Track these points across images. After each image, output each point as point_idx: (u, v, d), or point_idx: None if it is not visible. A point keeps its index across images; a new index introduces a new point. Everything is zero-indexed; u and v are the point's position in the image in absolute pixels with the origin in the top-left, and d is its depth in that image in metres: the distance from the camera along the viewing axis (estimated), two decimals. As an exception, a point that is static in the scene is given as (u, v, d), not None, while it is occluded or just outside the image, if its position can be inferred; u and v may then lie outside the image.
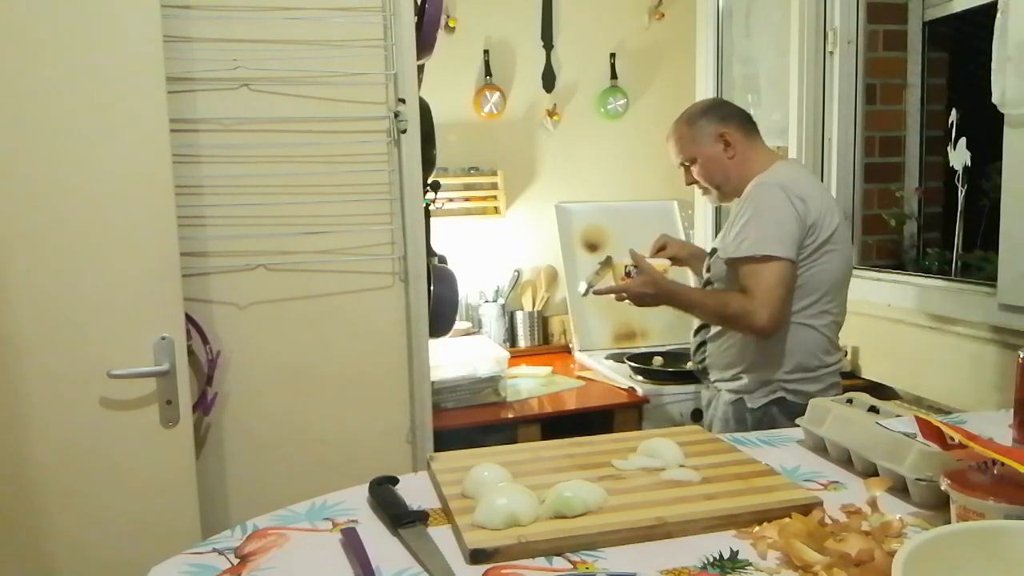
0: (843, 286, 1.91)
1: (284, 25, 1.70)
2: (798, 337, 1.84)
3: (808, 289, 1.83)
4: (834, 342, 1.90)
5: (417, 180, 1.82)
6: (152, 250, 1.51)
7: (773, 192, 1.81)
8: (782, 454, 1.27)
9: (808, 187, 1.85)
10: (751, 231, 1.79)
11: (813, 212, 1.80)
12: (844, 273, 1.89)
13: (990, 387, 2.03)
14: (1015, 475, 0.89)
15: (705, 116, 1.99)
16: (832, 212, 1.85)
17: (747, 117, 2.03)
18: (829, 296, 1.86)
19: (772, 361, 1.86)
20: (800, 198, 1.80)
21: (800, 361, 1.85)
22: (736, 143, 1.95)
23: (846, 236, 1.90)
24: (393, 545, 0.97)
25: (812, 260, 1.82)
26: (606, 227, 3.15)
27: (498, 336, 3.05)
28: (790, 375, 1.85)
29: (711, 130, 1.96)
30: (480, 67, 3.07)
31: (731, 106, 2.10)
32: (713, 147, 1.96)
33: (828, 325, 1.87)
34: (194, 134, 1.67)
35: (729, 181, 1.97)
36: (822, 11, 2.58)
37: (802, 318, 1.84)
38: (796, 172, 1.92)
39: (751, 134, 1.99)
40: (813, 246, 1.81)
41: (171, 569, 0.92)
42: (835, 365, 1.91)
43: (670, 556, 0.92)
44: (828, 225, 1.82)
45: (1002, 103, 1.92)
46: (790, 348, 1.85)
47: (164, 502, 1.56)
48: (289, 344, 1.77)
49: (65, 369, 1.49)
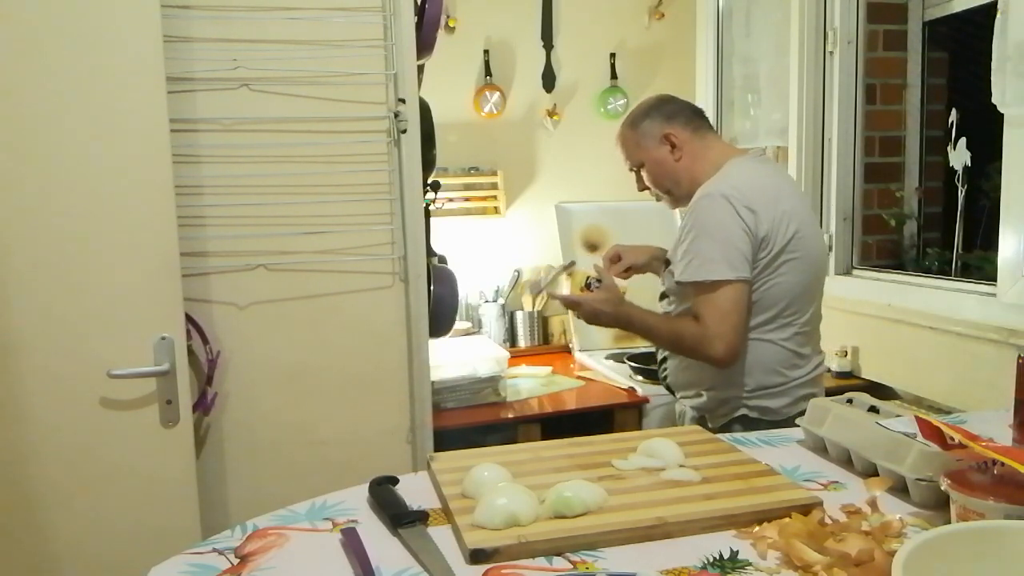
0: (809, 293, 1.76)
1: (284, 25, 1.70)
2: (756, 354, 1.73)
3: (764, 305, 1.71)
4: (801, 353, 1.76)
5: (417, 180, 1.82)
6: (152, 250, 1.51)
7: (718, 205, 1.66)
8: (782, 454, 1.27)
9: (760, 192, 1.69)
10: (697, 252, 1.67)
11: (765, 222, 1.66)
12: (809, 280, 1.74)
13: (990, 387, 2.03)
14: (1015, 475, 0.89)
15: (648, 117, 1.85)
16: (791, 216, 1.69)
17: (695, 112, 1.89)
18: (792, 308, 1.72)
19: (731, 380, 1.74)
20: (749, 208, 1.65)
21: (760, 380, 1.73)
22: (683, 143, 1.81)
23: (813, 238, 1.75)
24: (393, 545, 0.97)
25: (767, 275, 1.69)
26: (606, 227, 3.15)
27: (498, 336, 3.05)
28: (751, 393, 1.74)
29: (655, 131, 1.83)
30: (480, 67, 3.07)
31: (677, 102, 1.90)
32: (659, 150, 1.83)
33: (791, 338, 1.74)
34: (194, 134, 1.67)
35: (679, 185, 1.84)
36: (822, 11, 2.58)
37: (759, 334, 1.72)
38: (748, 174, 1.75)
39: (700, 130, 1.84)
40: (767, 259, 1.68)
41: (171, 569, 0.92)
42: (803, 377, 1.76)
43: (670, 556, 0.92)
44: (784, 233, 1.68)
45: (1002, 103, 1.92)
46: (748, 366, 1.73)
47: (164, 502, 1.56)
48: (289, 344, 1.77)
49: (65, 369, 1.49)
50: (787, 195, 1.75)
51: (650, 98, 1.92)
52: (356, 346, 1.81)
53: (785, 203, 1.71)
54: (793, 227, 1.69)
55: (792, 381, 1.75)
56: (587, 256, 3.09)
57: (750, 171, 1.77)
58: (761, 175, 1.77)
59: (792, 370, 1.75)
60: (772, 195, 1.71)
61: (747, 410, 1.75)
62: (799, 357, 1.76)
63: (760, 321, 1.72)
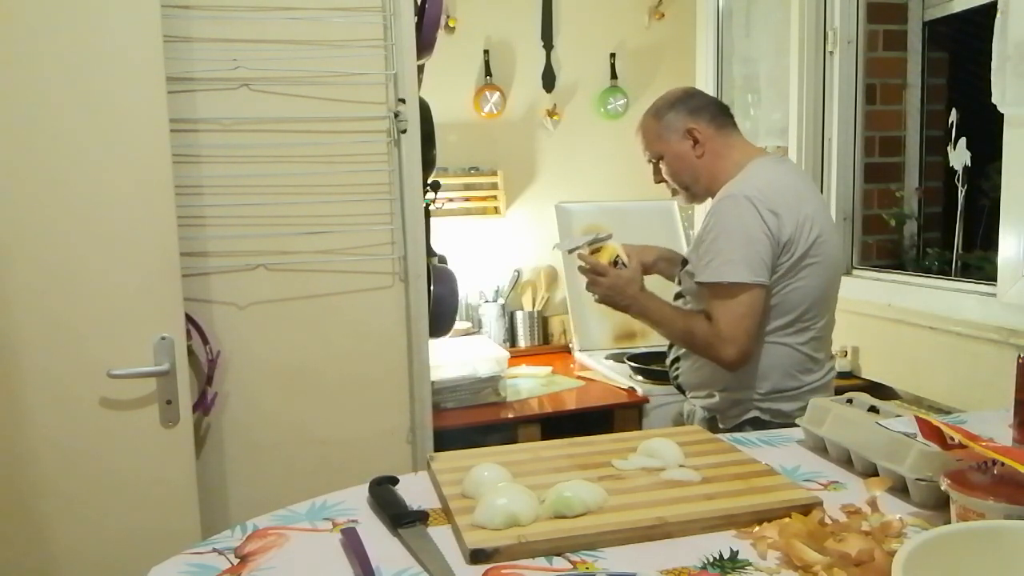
0: (828, 298, 1.76)
1: (284, 25, 1.70)
2: (773, 357, 1.72)
3: (784, 309, 1.70)
4: (815, 358, 1.76)
5: (417, 180, 1.82)
6: (152, 250, 1.51)
7: (741, 207, 1.65)
8: (782, 454, 1.27)
9: (783, 195, 1.67)
10: (718, 253, 1.65)
11: (788, 226, 1.65)
12: (828, 285, 1.74)
13: (990, 387, 2.03)
14: (1015, 475, 0.89)
15: (673, 109, 1.82)
16: (813, 220, 1.68)
17: (721, 109, 1.86)
18: (811, 312, 1.71)
19: (745, 383, 1.73)
20: (772, 211, 1.64)
21: (775, 383, 1.73)
22: (707, 140, 1.79)
23: (833, 242, 1.75)
24: (393, 545, 0.97)
25: (788, 278, 1.68)
26: (606, 227, 3.13)
27: (498, 336, 3.05)
28: (764, 395, 1.74)
29: (679, 125, 1.80)
30: (480, 67, 3.07)
31: (703, 97, 1.89)
32: (681, 144, 1.80)
33: (807, 342, 1.73)
34: (194, 134, 1.67)
35: (698, 182, 1.82)
36: (822, 11, 2.58)
37: (777, 337, 1.71)
38: (772, 176, 1.73)
39: (724, 128, 1.82)
40: (788, 263, 1.67)
41: (171, 569, 0.92)
42: (816, 382, 1.76)
43: (670, 556, 0.92)
44: (807, 238, 1.67)
45: (1002, 103, 1.92)
46: (764, 369, 1.72)
47: (164, 502, 1.56)
48: (289, 344, 1.77)
49: (65, 369, 1.49)
50: (809, 198, 1.73)
51: (676, 90, 1.88)
52: (356, 346, 1.81)
53: (808, 206, 1.69)
54: (816, 231, 1.68)
55: (806, 385, 1.74)
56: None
57: (773, 173, 1.75)
58: (784, 177, 1.75)
59: (806, 375, 1.75)
60: (795, 198, 1.69)
61: (759, 412, 1.74)
62: (813, 362, 1.76)
63: (779, 325, 1.71)
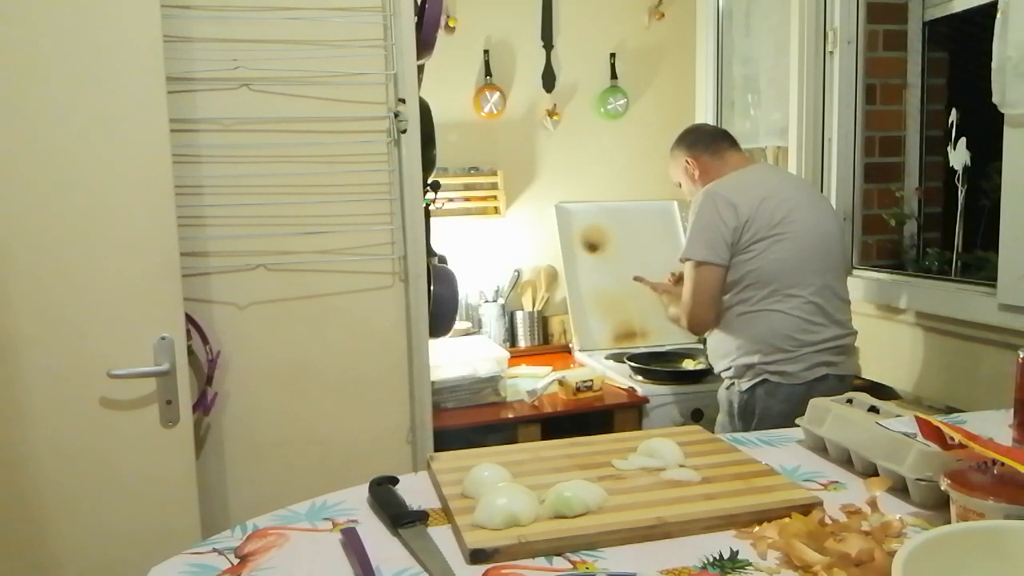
0: (808, 268, 2.01)
1: (284, 25, 1.70)
2: (768, 323, 2.02)
3: (763, 280, 2.01)
4: (813, 321, 2.01)
5: (417, 180, 1.82)
6: (152, 250, 1.51)
7: (704, 201, 2.06)
8: (782, 454, 1.28)
9: (745, 188, 2.05)
10: (688, 237, 2.09)
11: (744, 212, 2.00)
12: (804, 256, 2.01)
13: (990, 387, 2.03)
14: (1015, 475, 0.89)
15: (678, 147, 2.28)
16: (779, 202, 2.01)
17: (716, 136, 2.27)
18: (790, 280, 2.00)
19: (750, 348, 2.04)
20: (730, 203, 2.01)
21: (776, 344, 2.01)
22: (703, 167, 2.21)
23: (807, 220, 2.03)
24: (393, 545, 0.97)
25: (758, 251, 2.00)
26: (606, 227, 3.15)
27: (498, 336, 3.05)
28: (768, 357, 2.01)
29: (680, 159, 2.26)
30: (480, 67, 3.07)
31: (699, 131, 2.33)
32: (685, 172, 2.26)
33: (798, 307, 2.00)
34: (194, 134, 1.67)
35: None
36: (822, 11, 2.58)
37: (767, 305, 2.02)
38: (741, 176, 2.12)
39: (719, 152, 2.21)
40: (751, 240, 2.00)
41: (171, 569, 0.92)
42: (819, 345, 2.01)
43: (670, 556, 0.92)
44: (769, 218, 2.00)
45: (1002, 103, 1.92)
46: (762, 334, 2.02)
47: (164, 502, 1.56)
48: (289, 344, 1.77)
49: (65, 369, 1.49)
50: (779, 187, 2.09)
51: (684, 128, 2.34)
52: (356, 346, 1.81)
53: (774, 193, 2.05)
54: (782, 212, 2.02)
55: (806, 346, 2.00)
56: (587, 256, 3.10)
57: (744, 174, 2.14)
58: (751, 176, 2.14)
59: (805, 335, 2.00)
60: (758, 189, 2.06)
61: (768, 375, 2.02)
62: (811, 324, 2.01)
63: (764, 294, 2.02)
